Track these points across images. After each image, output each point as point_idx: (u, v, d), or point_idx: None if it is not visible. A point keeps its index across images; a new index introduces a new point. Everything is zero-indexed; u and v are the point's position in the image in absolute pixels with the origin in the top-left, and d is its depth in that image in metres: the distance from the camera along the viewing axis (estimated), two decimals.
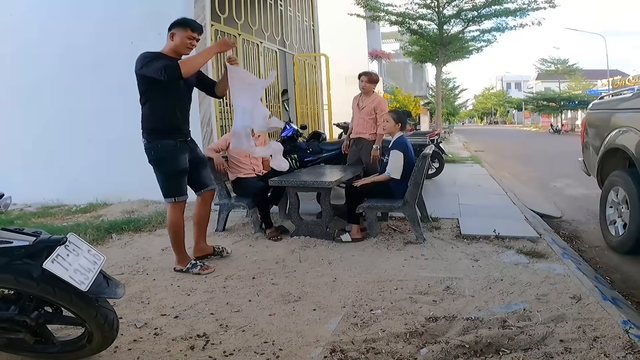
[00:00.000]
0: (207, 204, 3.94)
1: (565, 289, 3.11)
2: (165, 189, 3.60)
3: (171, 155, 3.53)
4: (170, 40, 3.49)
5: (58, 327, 2.52)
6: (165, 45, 3.52)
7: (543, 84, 54.59)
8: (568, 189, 8.29)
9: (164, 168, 3.54)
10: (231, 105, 6.53)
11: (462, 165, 11.50)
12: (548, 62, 52.75)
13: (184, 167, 3.61)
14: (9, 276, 1.96)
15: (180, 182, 3.63)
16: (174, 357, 2.40)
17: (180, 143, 3.60)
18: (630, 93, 4.53)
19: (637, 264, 4.07)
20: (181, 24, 3.48)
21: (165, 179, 3.57)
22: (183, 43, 3.46)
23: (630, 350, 2.25)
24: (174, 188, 3.59)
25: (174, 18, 3.56)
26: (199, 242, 3.97)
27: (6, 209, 2.13)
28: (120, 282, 2.22)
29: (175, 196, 3.60)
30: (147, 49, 3.49)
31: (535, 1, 15.88)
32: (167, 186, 3.59)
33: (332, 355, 2.36)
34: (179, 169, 3.57)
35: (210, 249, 4.03)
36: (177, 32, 3.45)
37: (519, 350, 2.33)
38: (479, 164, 11.80)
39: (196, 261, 3.77)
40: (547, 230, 4.96)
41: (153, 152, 3.52)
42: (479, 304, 2.93)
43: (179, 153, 3.57)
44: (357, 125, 5.69)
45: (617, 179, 4.39)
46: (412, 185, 4.39)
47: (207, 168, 3.99)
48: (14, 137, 6.89)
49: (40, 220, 5.85)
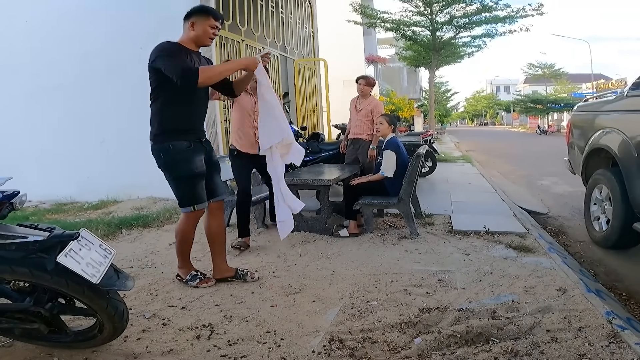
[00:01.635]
0: (216, 217, 3.28)
1: (551, 281, 3.11)
2: (180, 196, 3.04)
3: (185, 157, 2.96)
4: (190, 30, 2.95)
5: (71, 318, 2.52)
6: (183, 35, 2.98)
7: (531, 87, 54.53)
8: (554, 186, 8.29)
9: (177, 172, 2.97)
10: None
11: (453, 165, 11.49)
12: (535, 67, 52.70)
13: (201, 171, 3.02)
14: (24, 269, 1.96)
15: (198, 188, 3.03)
16: (181, 346, 2.39)
17: (195, 144, 3.02)
18: (613, 96, 4.53)
19: (619, 257, 4.07)
20: (202, 11, 2.97)
21: (180, 185, 3.01)
22: (205, 33, 2.94)
23: (613, 340, 2.26)
24: (191, 195, 3.01)
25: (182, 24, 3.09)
26: (218, 262, 3.32)
27: (22, 205, 2.12)
28: (130, 275, 2.22)
29: (193, 204, 3.02)
30: None
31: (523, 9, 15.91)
32: (182, 193, 3.02)
33: (330, 344, 2.36)
34: (194, 172, 2.99)
35: (232, 271, 3.33)
36: (198, 21, 2.93)
37: (507, 340, 2.33)
38: (470, 163, 11.80)
39: (197, 272, 3.26)
40: (535, 225, 4.96)
41: (163, 155, 2.95)
42: (469, 296, 2.93)
43: (193, 155, 2.99)
44: (354, 126, 5.68)
45: (600, 177, 4.39)
46: (407, 183, 4.39)
47: (219, 175, 3.35)
48: (31, 138, 6.88)
49: (54, 217, 5.85)
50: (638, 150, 3.60)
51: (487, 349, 2.24)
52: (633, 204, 3.74)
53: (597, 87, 32.15)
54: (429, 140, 9.38)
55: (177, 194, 3.05)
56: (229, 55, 6.98)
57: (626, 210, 3.86)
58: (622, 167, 3.85)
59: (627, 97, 4.08)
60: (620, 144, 3.90)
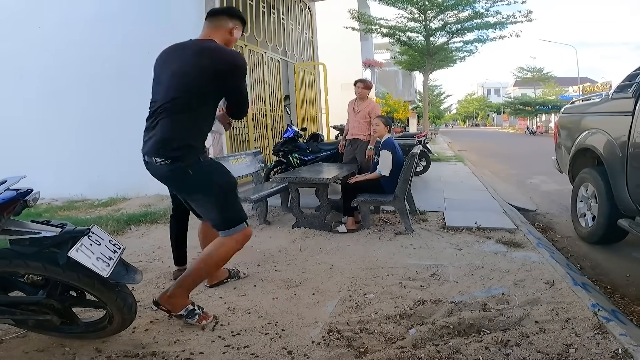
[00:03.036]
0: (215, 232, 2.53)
1: (540, 275, 3.11)
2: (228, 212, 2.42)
3: (219, 165, 2.49)
4: (228, 35, 2.51)
5: (82, 310, 2.52)
6: (217, 36, 2.48)
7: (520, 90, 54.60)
8: (543, 184, 8.29)
9: (218, 182, 2.39)
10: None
11: (446, 164, 11.49)
12: (525, 70, 52.69)
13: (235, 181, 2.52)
14: (37, 264, 1.96)
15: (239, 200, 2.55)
16: (187, 336, 2.39)
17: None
18: (599, 98, 4.53)
19: (604, 252, 4.08)
20: (243, 20, 2.60)
21: (225, 198, 2.40)
22: (234, 42, 2.58)
23: (598, 331, 2.26)
24: (239, 207, 2.48)
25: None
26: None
27: (35, 203, 2.11)
28: (138, 269, 2.21)
29: (245, 219, 2.47)
30: None
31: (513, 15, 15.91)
32: (229, 208, 2.42)
33: (329, 335, 2.36)
34: (234, 179, 2.52)
35: (225, 274, 3.16)
36: (239, 29, 2.56)
37: (498, 331, 2.33)
38: (462, 162, 11.79)
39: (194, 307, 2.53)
40: (524, 222, 4.96)
41: (193, 171, 2.31)
42: (462, 289, 2.93)
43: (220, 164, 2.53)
44: (352, 127, 5.69)
45: (586, 176, 4.39)
46: (402, 181, 4.39)
47: None
48: (44, 138, 6.87)
49: (66, 213, 5.84)
50: (622, 150, 3.59)
51: (478, 339, 2.25)
52: (617, 201, 3.74)
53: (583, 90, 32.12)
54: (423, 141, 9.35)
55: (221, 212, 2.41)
56: None
57: (611, 208, 3.87)
58: (607, 166, 3.85)
59: (612, 100, 4.08)
60: (605, 144, 3.90)
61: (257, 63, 7.89)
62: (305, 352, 2.20)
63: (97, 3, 6.55)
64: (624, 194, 3.59)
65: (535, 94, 45.74)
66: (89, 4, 6.59)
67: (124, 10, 6.45)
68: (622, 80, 4.02)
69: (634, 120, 3.49)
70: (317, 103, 11.11)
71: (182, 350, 2.25)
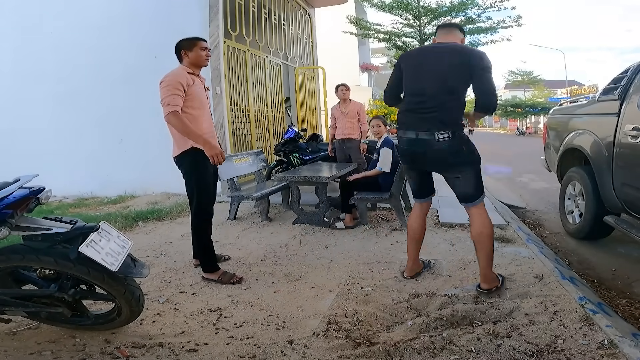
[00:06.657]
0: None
1: (529, 269, 3.11)
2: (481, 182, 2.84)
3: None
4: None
5: (92, 303, 2.52)
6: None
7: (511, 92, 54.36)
8: (532, 183, 8.28)
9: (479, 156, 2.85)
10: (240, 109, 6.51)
11: None
12: (515, 74, 52.62)
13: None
14: (49, 258, 1.96)
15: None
16: (192, 328, 2.39)
17: None
18: (586, 100, 4.52)
19: (591, 248, 4.07)
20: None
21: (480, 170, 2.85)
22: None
23: (585, 323, 2.25)
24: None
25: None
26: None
27: (47, 200, 2.11)
28: (146, 264, 2.21)
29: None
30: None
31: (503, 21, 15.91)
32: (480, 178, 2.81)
33: (328, 326, 2.36)
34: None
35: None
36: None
37: (489, 322, 2.33)
38: None
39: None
40: (514, 218, 4.96)
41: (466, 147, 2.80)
42: (455, 283, 2.93)
43: None
44: (344, 127, 5.78)
45: (574, 175, 4.39)
46: (398, 179, 4.39)
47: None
48: (56, 138, 6.84)
49: (76, 210, 5.83)
50: (608, 149, 3.59)
51: (470, 330, 2.24)
52: (603, 198, 3.74)
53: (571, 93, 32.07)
54: None
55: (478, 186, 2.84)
56: (236, 63, 6.96)
57: (597, 205, 3.86)
58: (594, 165, 3.85)
59: (598, 102, 4.08)
60: (592, 144, 3.90)
61: (259, 67, 7.88)
62: (305, 343, 2.19)
63: (105, 10, 6.53)
64: (610, 191, 3.59)
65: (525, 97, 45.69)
66: (98, 11, 6.57)
67: (131, 17, 6.44)
68: (608, 83, 4.01)
69: (619, 121, 3.48)
70: (317, 105, 11.09)
71: (187, 341, 2.25)
